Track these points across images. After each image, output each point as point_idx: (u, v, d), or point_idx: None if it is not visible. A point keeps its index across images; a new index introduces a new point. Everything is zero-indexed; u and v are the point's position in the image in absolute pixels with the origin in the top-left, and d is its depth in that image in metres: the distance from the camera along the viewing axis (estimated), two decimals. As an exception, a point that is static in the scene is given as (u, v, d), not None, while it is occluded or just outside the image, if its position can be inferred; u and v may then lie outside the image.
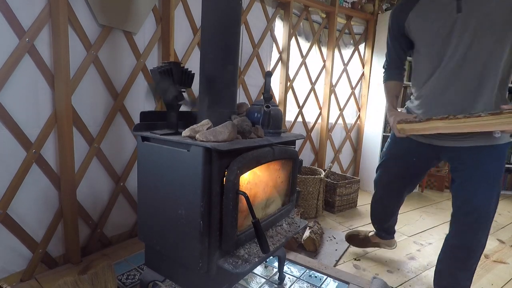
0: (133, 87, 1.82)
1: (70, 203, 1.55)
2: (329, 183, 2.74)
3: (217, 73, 1.24)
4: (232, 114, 1.27)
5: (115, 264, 1.60)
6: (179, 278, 1.24)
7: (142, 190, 1.25)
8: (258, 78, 2.59)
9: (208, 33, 1.24)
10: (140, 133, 1.19)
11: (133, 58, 1.81)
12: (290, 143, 1.44)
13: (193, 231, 1.06)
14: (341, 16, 3.10)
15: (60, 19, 1.41)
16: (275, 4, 2.62)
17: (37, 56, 1.41)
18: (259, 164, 1.21)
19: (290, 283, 1.58)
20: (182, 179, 1.08)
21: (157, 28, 1.89)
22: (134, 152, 1.87)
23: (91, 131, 1.66)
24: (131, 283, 1.49)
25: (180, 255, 1.14)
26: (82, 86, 1.59)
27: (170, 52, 1.89)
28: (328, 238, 2.17)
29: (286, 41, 2.69)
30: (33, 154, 1.44)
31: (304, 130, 3.07)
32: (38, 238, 1.51)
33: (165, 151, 1.12)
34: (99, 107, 1.70)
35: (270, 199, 1.38)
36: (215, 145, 0.98)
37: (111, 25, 1.65)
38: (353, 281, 1.59)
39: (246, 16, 2.36)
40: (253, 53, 2.50)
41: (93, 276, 1.41)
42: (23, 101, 1.40)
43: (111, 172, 1.79)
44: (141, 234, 1.29)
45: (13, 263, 1.45)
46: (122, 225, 1.90)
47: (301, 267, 1.73)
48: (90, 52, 1.59)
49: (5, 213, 1.37)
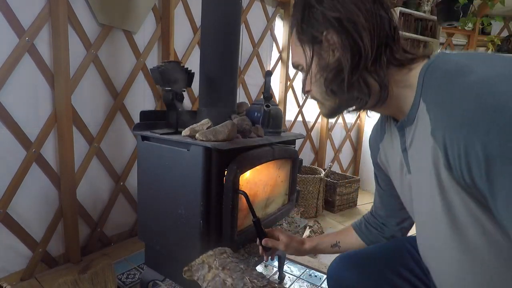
0: (133, 86, 1.82)
1: (70, 202, 1.55)
2: (329, 182, 2.74)
3: (217, 73, 1.23)
4: (232, 113, 1.27)
5: (115, 264, 1.60)
6: (179, 277, 1.23)
7: (142, 190, 1.25)
8: (258, 78, 2.58)
9: (208, 33, 1.24)
10: (140, 132, 1.19)
11: (133, 58, 1.80)
12: (290, 143, 1.44)
13: (193, 231, 1.06)
14: (341, 15, 3.10)
15: (60, 18, 1.41)
16: (275, 3, 2.62)
17: (37, 56, 1.41)
18: (259, 164, 1.21)
19: (290, 282, 1.58)
20: (182, 179, 1.08)
21: (157, 28, 1.88)
22: (134, 152, 1.87)
23: (91, 131, 1.66)
24: (131, 282, 1.50)
25: (180, 255, 1.14)
26: (82, 86, 1.59)
27: (170, 52, 1.88)
28: (328, 237, 2.17)
29: (286, 40, 2.69)
30: (33, 154, 1.43)
31: (304, 130, 3.06)
32: (38, 238, 1.51)
33: (165, 151, 1.12)
34: (99, 106, 1.70)
35: (270, 199, 1.38)
36: (215, 145, 0.98)
37: (111, 24, 1.65)
38: (353, 281, 1.59)
39: (246, 15, 2.36)
40: (253, 53, 2.49)
41: (93, 276, 1.41)
42: (23, 101, 1.40)
43: (111, 172, 1.79)
44: (141, 233, 1.29)
45: (13, 263, 1.45)
46: (122, 225, 1.90)
47: (301, 266, 1.73)
48: (90, 51, 1.59)
49: (5, 213, 1.37)
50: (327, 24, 0.59)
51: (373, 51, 0.58)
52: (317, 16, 0.60)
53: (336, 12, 0.58)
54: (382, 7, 0.60)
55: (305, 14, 0.62)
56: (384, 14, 0.59)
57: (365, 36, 0.57)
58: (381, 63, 0.59)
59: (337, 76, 0.61)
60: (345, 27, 0.58)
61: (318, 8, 0.60)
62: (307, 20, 0.62)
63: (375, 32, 0.58)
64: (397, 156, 0.69)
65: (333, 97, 0.64)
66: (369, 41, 0.58)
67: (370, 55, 0.58)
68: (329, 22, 0.59)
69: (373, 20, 0.58)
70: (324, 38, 0.60)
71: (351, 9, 0.58)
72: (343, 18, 0.58)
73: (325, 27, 0.60)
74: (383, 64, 0.59)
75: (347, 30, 0.58)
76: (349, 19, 0.58)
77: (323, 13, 0.59)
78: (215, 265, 0.82)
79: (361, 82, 0.60)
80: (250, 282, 0.75)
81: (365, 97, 0.61)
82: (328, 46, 0.61)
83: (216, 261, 0.84)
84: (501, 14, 3.39)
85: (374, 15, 0.58)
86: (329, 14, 0.59)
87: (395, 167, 0.72)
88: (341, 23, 0.58)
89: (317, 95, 0.67)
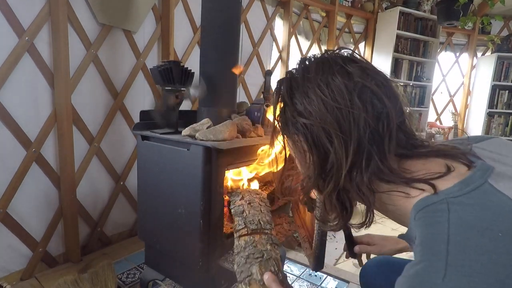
0: (133, 86, 1.82)
1: (70, 202, 1.55)
2: (329, 182, 2.74)
3: (217, 72, 1.23)
4: (232, 113, 1.27)
5: (115, 263, 1.60)
6: (179, 277, 1.24)
7: (142, 189, 1.25)
8: (258, 77, 2.58)
9: (208, 32, 1.24)
10: (140, 132, 1.19)
11: (133, 57, 1.80)
12: (290, 142, 1.44)
13: (193, 230, 1.06)
14: (341, 14, 3.09)
15: (60, 18, 1.40)
16: (275, 3, 2.61)
17: (37, 55, 1.41)
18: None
19: (290, 282, 1.58)
20: (182, 178, 1.08)
21: (157, 27, 1.88)
22: (134, 151, 1.87)
23: (91, 130, 1.66)
24: (131, 282, 1.50)
25: (180, 254, 1.14)
26: (81, 85, 1.59)
27: (170, 51, 1.88)
28: (328, 237, 2.17)
29: (286, 40, 2.69)
30: (33, 153, 1.43)
31: (304, 129, 3.06)
32: (38, 237, 1.51)
33: (165, 150, 1.12)
34: (99, 106, 1.69)
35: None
36: (215, 144, 0.98)
37: (111, 24, 1.65)
38: (353, 280, 1.59)
39: (246, 15, 2.36)
40: (253, 52, 2.49)
41: (93, 275, 1.41)
42: (23, 100, 1.40)
43: (111, 171, 1.79)
44: (141, 233, 1.29)
45: (13, 262, 1.44)
46: (122, 224, 1.90)
47: (301, 265, 1.73)
48: (90, 51, 1.59)
49: (5, 212, 1.37)
50: (295, 128, 0.53)
51: (347, 163, 0.48)
52: (287, 115, 0.54)
53: (304, 117, 0.50)
54: (375, 98, 0.48)
55: (282, 108, 0.56)
56: (379, 107, 0.48)
57: (338, 146, 0.48)
58: (362, 179, 0.48)
59: (315, 180, 0.53)
60: (314, 136, 0.50)
61: (290, 107, 0.53)
62: (282, 113, 0.56)
63: (353, 137, 0.47)
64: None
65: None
66: (343, 151, 0.48)
67: (344, 168, 0.48)
68: (296, 126, 0.52)
69: (352, 124, 0.47)
70: (297, 139, 0.54)
71: (321, 113, 0.49)
72: (314, 124, 0.49)
73: (294, 130, 0.53)
74: (364, 180, 0.48)
75: (315, 139, 0.50)
76: (319, 125, 0.49)
77: (293, 115, 0.53)
78: (245, 199, 1.08)
79: (333, 200, 0.51)
80: (259, 219, 0.97)
81: (340, 217, 0.53)
82: (301, 148, 0.54)
83: (247, 196, 1.09)
84: (501, 13, 3.39)
85: (354, 117, 0.47)
86: (297, 119, 0.52)
87: None
88: (309, 132, 0.50)
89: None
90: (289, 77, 0.55)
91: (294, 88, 0.53)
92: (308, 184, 0.54)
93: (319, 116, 0.49)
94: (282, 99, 0.55)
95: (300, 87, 0.52)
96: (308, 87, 0.51)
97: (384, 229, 2.27)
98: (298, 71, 0.55)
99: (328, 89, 0.49)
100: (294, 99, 0.53)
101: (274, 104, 0.57)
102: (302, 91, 0.52)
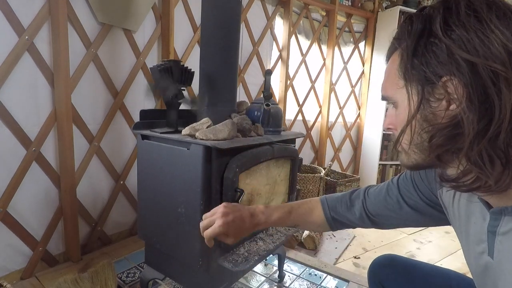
0: (133, 85, 1.82)
1: (70, 201, 1.55)
2: (329, 181, 2.74)
3: (217, 71, 1.23)
4: (232, 112, 1.27)
5: (115, 262, 1.60)
6: (179, 276, 1.24)
7: (142, 189, 1.25)
8: (258, 77, 2.58)
9: (208, 31, 1.24)
10: (140, 131, 1.19)
11: (133, 56, 1.80)
12: (290, 142, 1.44)
13: (193, 229, 1.06)
14: (341, 14, 3.09)
15: (60, 17, 1.40)
16: (275, 2, 2.61)
17: (37, 54, 1.41)
18: (259, 163, 1.21)
19: (290, 281, 1.58)
20: (182, 178, 1.08)
21: (157, 26, 1.88)
22: (134, 150, 1.87)
23: (91, 129, 1.66)
24: (131, 281, 1.50)
25: (180, 253, 1.14)
26: (81, 84, 1.59)
27: (170, 50, 1.88)
28: (328, 236, 2.17)
29: (286, 39, 2.68)
30: (33, 152, 1.43)
31: (304, 129, 3.06)
32: (38, 236, 1.51)
33: (165, 150, 1.12)
34: (99, 105, 1.69)
35: (270, 197, 1.38)
36: (215, 144, 0.98)
37: (111, 23, 1.65)
38: (353, 279, 1.59)
39: (246, 14, 2.35)
40: (253, 51, 2.49)
41: (93, 274, 1.41)
42: (22, 99, 1.40)
43: (111, 170, 1.79)
44: (141, 232, 1.29)
45: (13, 261, 1.45)
46: (122, 223, 1.90)
47: (301, 265, 1.73)
48: (90, 50, 1.59)
49: (5, 211, 1.37)
50: (452, 67, 0.41)
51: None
52: (439, 52, 0.42)
53: (471, 52, 0.40)
54: None
55: (421, 45, 0.45)
56: None
57: (506, 96, 0.38)
58: None
59: (451, 140, 0.43)
60: (480, 77, 0.39)
61: (442, 40, 0.42)
62: (422, 54, 0.44)
63: None
64: (477, 227, 0.54)
65: (432, 158, 0.47)
66: (510, 103, 0.38)
67: (508, 123, 0.39)
68: (456, 65, 0.41)
69: None
70: (442, 84, 0.43)
71: (496, 52, 0.39)
72: (480, 64, 0.39)
73: (447, 71, 0.42)
74: None
75: (483, 82, 0.39)
76: (489, 67, 0.39)
77: (450, 49, 0.41)
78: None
79: (485, 156, 0.41)
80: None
81: (483, 177, 0.42)
82: (444, 94, 0.43)
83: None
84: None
85: None
86: (459, 54, 0.40)
87: (467, 232, 0.57)
88: (475, 71, 0.40)
89: (405, 144, 0.50)
90: (443, 8, 0.44)
91: (452, 22, 0.42)
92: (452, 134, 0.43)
93: (493, 54, 0.39)
94: (429, 33, 0.44)
95: (464, 21, 0.42)
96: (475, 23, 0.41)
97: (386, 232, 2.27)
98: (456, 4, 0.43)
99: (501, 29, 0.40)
100: (452, 34, 0.42)
101: (411, 40, 0.46)
102: (468, 26, 0.41)
